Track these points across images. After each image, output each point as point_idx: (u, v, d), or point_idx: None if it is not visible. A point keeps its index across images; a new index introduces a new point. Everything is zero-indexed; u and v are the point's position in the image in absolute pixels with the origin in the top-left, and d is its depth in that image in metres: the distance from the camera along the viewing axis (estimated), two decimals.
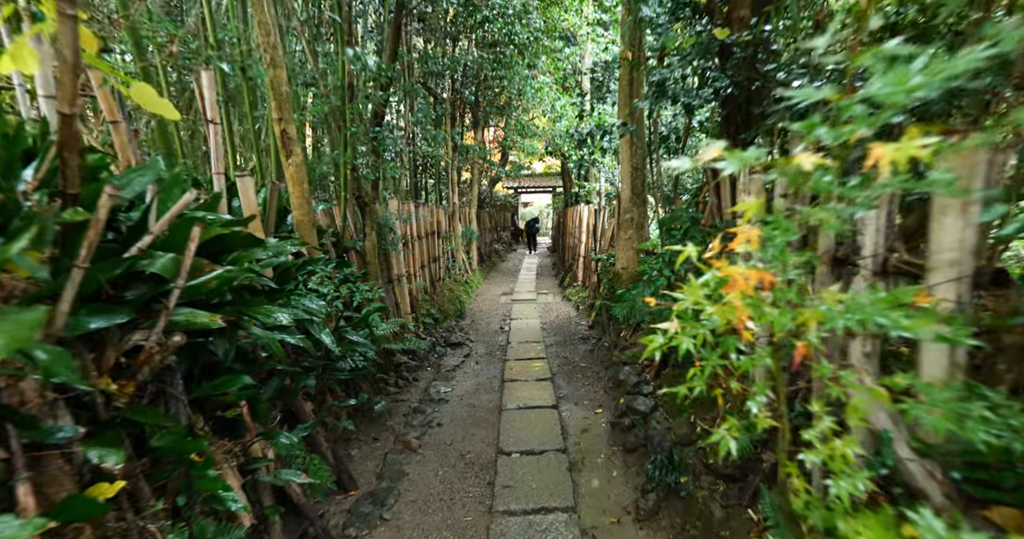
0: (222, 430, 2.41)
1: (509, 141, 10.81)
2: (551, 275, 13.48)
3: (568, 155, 10.49)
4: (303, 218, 4.02)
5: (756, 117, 3.46)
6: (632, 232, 5.68)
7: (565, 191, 16.13)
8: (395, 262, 6.56)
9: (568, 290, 10.17)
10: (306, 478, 2.44)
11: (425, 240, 8.11)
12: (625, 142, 5.61)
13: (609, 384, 4.92)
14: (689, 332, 1.28)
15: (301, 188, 3.99)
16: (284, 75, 3.97)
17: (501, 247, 18.90)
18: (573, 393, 4.87)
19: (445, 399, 4.85)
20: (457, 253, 10.57)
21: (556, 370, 5.59)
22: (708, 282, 1.21)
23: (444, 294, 8.65)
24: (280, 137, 4.02)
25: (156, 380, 2.06)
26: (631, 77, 5.50)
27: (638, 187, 5.63)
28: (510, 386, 5.08)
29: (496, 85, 9.50)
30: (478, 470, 3.45)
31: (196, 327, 2.08)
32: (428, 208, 8.69)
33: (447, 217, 10.24)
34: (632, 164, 5.62)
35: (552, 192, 23.95)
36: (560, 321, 8.00)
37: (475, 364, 6.01)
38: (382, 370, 4.96)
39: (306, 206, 4.01)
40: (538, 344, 6.66)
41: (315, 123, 6.22)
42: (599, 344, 6.16)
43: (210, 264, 2.21)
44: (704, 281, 1.22)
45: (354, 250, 5.24)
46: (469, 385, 5.25)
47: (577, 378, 5.31)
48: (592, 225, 9.13)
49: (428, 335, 6.83)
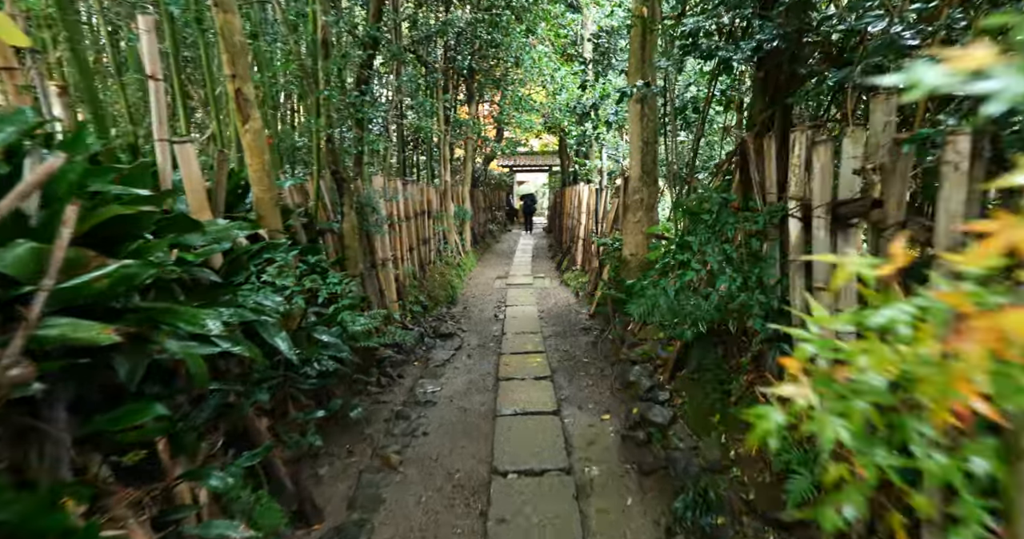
0: (134, 472, 1.86)
1: (505, 115, 10.09)
2: (547, 257, 12.91)
3: (568, 131, 9.80)
4: (263, 195, 3.41)
5: (800, 77, 2.86)
6: (642, 214, 5.10)
7: (563, 170, 15.44)
8: (379, 245, 5.97)
9: (566, 274, 9.63)
10: (247, 531, 1.91)
11: (414, 221, 7.49)
12: (635, 114, 4.98)
13: (616, 384, 4.41)
14: (834, 406, 0.71)
15: (261, 160, 3.36)
16: (237, 22, 3.30)
17: (496, 228, 18.27)
18: (576, 395, 4.36)
19: (432, 401, 4.33)
20: (449, 234, 9.96)
21: (556, 366, 5.08)
22: (898, 319, 0.64)
23: (434, 279, 8.08)
24: (235, 97, 3.37)
25: (17, 414, 1.49)
26: (643, 39, 4.83)
27: (649, 164, 5.03)
28: (505, 386, 4.56)
29: (492, 54, 8.76)
30: (468, 495, 2.95)
31: (78, 343, 1.51)
32: (418, 186, 8.04)
33: (439, 196, 9.59)
34: (642, 138, 5.00)
35: (548, 171, 23.15)
36: (559, 308, 7.47)
37: (467, 358, 5.49)
38: (361, 369, 4.41)
39: (266, 181, 3.39)
40: (535, 335, 6.14)
41: (287, 86, 5.53)
42: (602, 336, 5.64)
43: (99, 257, 1.62)
44: (890, 317, 0.65)
45: (330, 232, 4.63)
46: (460, 383, 4.73)
47: (579, 376, 4.80)
48: (593, 206, 8.53)
49: (416, 325, 6.28)
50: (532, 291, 8.76)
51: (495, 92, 10.97)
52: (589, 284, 7.78)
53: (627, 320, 5.07)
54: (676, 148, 4.78)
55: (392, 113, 7.54)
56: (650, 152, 4.99)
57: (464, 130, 10.46)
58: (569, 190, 11.80)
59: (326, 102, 4.31)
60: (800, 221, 2.22)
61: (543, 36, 8.71)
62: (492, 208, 18.77)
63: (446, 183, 9.87)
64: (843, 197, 1.93)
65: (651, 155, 5.00)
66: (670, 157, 4.42)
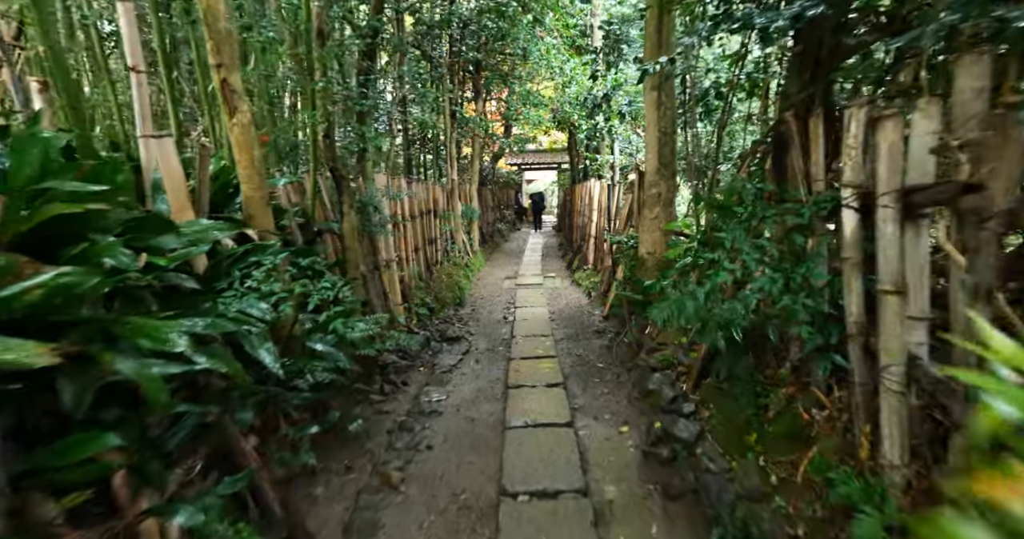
0: (87, 511, 1.61)
1: (513, 111, 9.79)
2: (557, 256, 12.61)
3: (578, 125, 9.48)
4: (253, 194, 3.16)
5: (845, 50, 2.55)
6: (659, 210, 4.79)
7: (572, 167, 15.12)
8: (383, 246, 5.72)
9: (577, 273, 9.32)
10: None
11: (419, 220, 7.25)
12: (652, 102, 4.67)
13: (634, 392, 4.12)
14: None
15: (250, 155, 3.12)
16: (221, 7, 3.05)
17: (504, 227, 18.00)
18: (591, 404, 4.08)
19: (438, 410, 4.06)
20: (456, 234, 9.71)
21: (569, 372, 4.79)
22: None
23: (441, 280, 7.82)
24: (221, 88, 3.13)
25: None
26: (660, 21, 4.52)
27: (667, 156, 4.72)
28: (515, 394, 4.28)
29: (498, 48, 8.47)
30: (475, 520, 2.68)
31: (7, 366, 1.27)
32: (424, 185, 7.79)
33: (445, 195, 9.34)
34: (659, 128, 4.69)
35: (557, 168, 22.79)
36: (570, 310, 7.18)
37: (475, 363, 5.22)
38: (363, 377, 4.17)
39: (256, 178, 3.15)
40: (546, 338, 5.86)
41: (283, 80, 5.29)
42: (617, 340, 5.34)
43: (33, 263, 1.37)
44: None
45: (329, 233, 4.39)
46: (467, 391, 4.46)
47: (594, 383, 4.51)
48: (604, 202, 8.22)
49: (422, 328, 6.03)
50: (542, 291, 8.48)
51: (502, 88, 10.68)
52: (602, 284, 7.48)
53: (644, 323, 4.77)
54: (695, 139, 4.47)
55: (396, 108, 7.29)
56: (668, 143, 4.67)
57: (471, 127, 10.18)
58: (579, 187, 11.48)
59: (323, 93, 4.07)
60: (857, 212, 1.92)
61: (551, 27, 8.40)
62: (501, 207, 18.50)
63: (453, 181, 9.61)
64: (914, 182, 1.63)
65: (669, 146, 4.69)
66: (689, 148, 4.11)
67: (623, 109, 5.35)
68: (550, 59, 8.23)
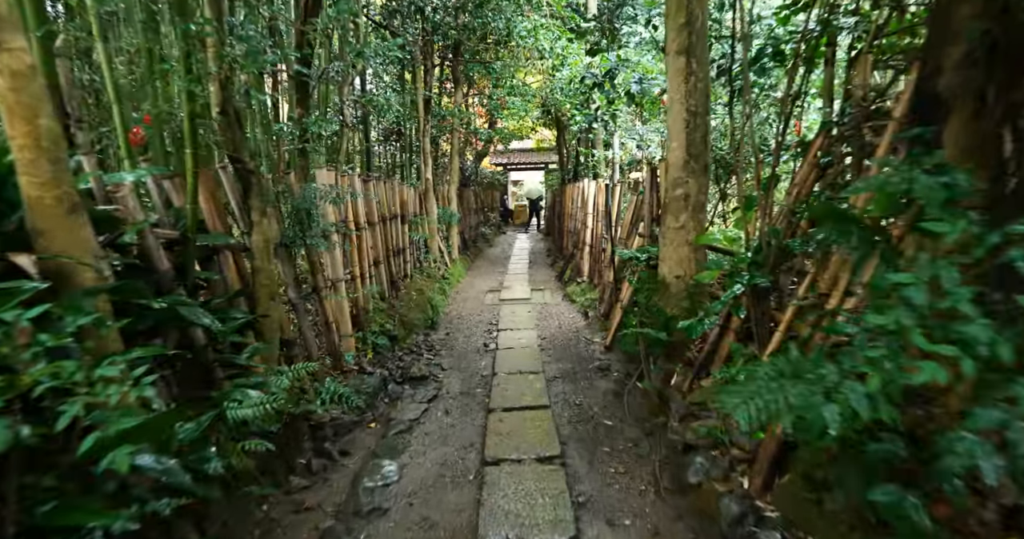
0: None
1: (496, 99, 8.55)
2: (546, 264, 11.40)
3: (570, 116, 8.26)
4: (42, 193, 1.87)
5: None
6: (686, 218, 3.59)
7: (561, 166, 13.93)
8: (328, 262, 4.45)
9: (570, 287, 8.11)
10: None
11: (381, 227, 5.97)
12: (677, 71, 3.47)
13: (664, 480, 2.90)
14: None
15: (32, 126, 1.83)
16: None
17: (489, 231, 16.75)
18: (601, 494, 2.85)
19: (382, 506, 2.81)
20: (431, 241, 8.44)
21: (568, 433, 3.57)
22: None
23: (410, 297, 6.55)
24: None
25: None
26: None
27: (697, 145, 3.52)
28: (493, 475, 3.05)
29: (478, 25, 7.23)
30: None
31: None
32: (388, 184, 6.50)
33: (418, 196, 8.07)
34: (687, 107, 3.49)
35: (545, 169, 21.54)
36: (564, 334, 5.96)
37: (443, 415, 3.98)
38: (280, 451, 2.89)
39: (46, 167, 1.86)
40: (536, 376, 4.63)
41: None
42: (630, 384, 4.12)
43: None
44: None
45: (228, 250, 3.11)
46: (429, 465, 3.22)
47: (603, 454, 3.29)
48: (603, 206, 7.02)
49: (379, 365, 4.76)
50: (530, 308, 7.26)
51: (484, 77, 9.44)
52: (601, 303, 6.27)
53: (669, 370, 3.56)
54: (748, 116, 3.28)
55: (352, 90, 6.00)
56: (700, 127, 3.48)
57: (450, 120, 8.92)
58: (570, 188, 10.28)
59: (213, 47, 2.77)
60: None
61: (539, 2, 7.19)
62: (484, 209, 17.24)
63: (428, 181, 8.34)
64: None
65: (701, 131, 3.49)
66: (738, 134, 2.91)
67: (632, 88, 4.17)
68: (538, 36, 7.00)
